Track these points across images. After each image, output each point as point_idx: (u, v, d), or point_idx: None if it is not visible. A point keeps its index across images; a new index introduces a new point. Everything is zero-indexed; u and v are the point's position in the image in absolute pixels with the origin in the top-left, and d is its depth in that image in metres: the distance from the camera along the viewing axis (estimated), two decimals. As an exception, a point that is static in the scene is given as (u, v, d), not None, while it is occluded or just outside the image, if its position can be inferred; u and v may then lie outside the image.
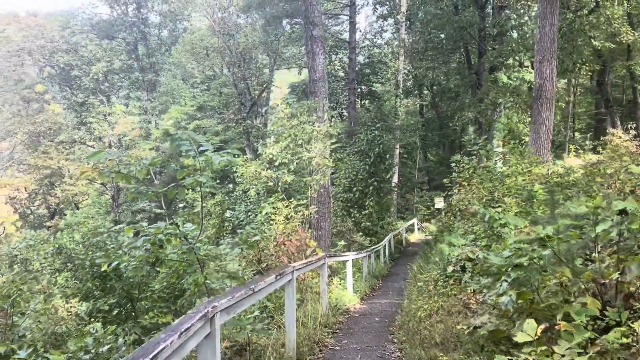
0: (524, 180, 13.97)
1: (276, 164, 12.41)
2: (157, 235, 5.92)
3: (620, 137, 26.43)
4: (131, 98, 45.60)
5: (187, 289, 6.80)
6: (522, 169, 15.15)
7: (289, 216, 11.81)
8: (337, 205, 27.63)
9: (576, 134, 42.64)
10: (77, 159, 43.48)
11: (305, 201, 12.51)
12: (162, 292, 8.45)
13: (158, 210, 42.17)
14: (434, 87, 45.57)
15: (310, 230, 12.93)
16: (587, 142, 34.95)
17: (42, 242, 25.51)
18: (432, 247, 20.58)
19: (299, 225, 11.63)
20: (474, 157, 19.17)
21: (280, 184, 12.57)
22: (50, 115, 42.69)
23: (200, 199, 7.69)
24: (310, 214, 12.89)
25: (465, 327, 5.65)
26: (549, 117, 19.10)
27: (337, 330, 8.89)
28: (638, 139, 26.21)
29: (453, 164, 18.81)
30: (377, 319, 10.33)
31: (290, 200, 12.10)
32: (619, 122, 32.74)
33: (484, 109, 23.48)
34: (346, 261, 12.84)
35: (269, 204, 12.10)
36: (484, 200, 13.44)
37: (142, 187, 5.39)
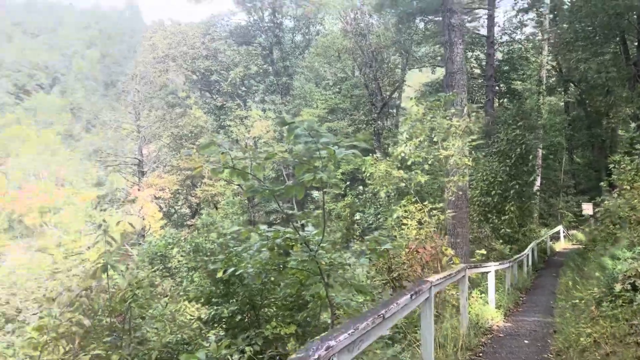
0: None
1: (408, 163, 11.38)
2: (274, 240, 5.22)
3: None
4: (266, 102, 46.70)
5: (309, 300, 6.04)
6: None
7: (422, 221, 10.76)
8: (473, 209, 25.89)
9: None
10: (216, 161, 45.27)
11: (440, 205, 11.39)
12: (284, 300, 7.81)
13: (291, 212, 42.87)
14: (582, 84, 41.66)
15: (446, 237, 11.75)
16: None
17: (180, 240, 26.57)
18: (585, 259, 18.37)
19: (433, 231, 10.53)
20: (637, 157, 16.78)
21: (412, 185, 11.52)
22: (192, 119, 44.91)
23: (324, 199, 7.00)
24: (446, 218, 11.71)
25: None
26: None
27: (480, 355, 7.70)
28: None
29: (612, 165, 16.60)
30: (526, 341, 8.95)
31: (424, 204, 11.03)
32: None
33: (646, 103, 20.69)
34: (488, 272, 11.50)
35: (400, 206, 11.12)
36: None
37: (256, 184, 4.69)
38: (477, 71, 45.89)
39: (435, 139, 11.11)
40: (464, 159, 11.21)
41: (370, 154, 17.08)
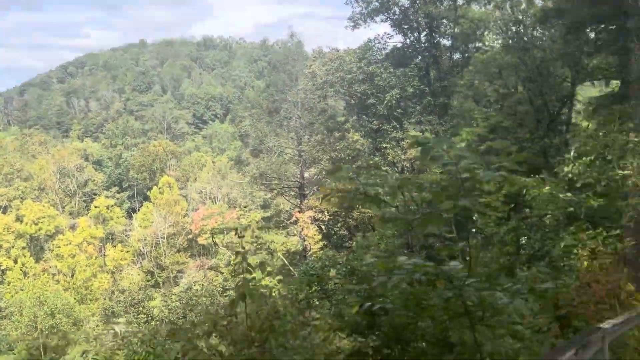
0: None
1: (578, 184, 10.07)
2: (413, 274, 4.70)
3: None
4: (422, 122, 45.84)
5: (455, 343, 5.38)
6: None
7: (596, 250, 9.43)
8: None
9: None
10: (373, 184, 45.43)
11: (617, 231, 9.92)
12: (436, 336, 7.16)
13: (449, 235, 41.29)
14: None
15: (625, 269, 10.18)
16: None
17: (336, 262, 26.72)
18: None
19: (609, 262, 9.17)
20: None
21: (582, 209, 10.17)
22: (349, 142, 45.54)
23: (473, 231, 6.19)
24: (625, 247, 10.19)
25: None
26: None
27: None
28: None
29: None
30: None
31: (598, 231, 9.67)
32: None
33: None
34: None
35: (569, 234, 9.87)
36: None
37: (388, 212, 4.23)
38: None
39: (609, 157, 9.73)
40: None
41: (537, 175, 15.69)
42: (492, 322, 4.66)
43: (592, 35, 40.81)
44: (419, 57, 47.13)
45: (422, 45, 46.81)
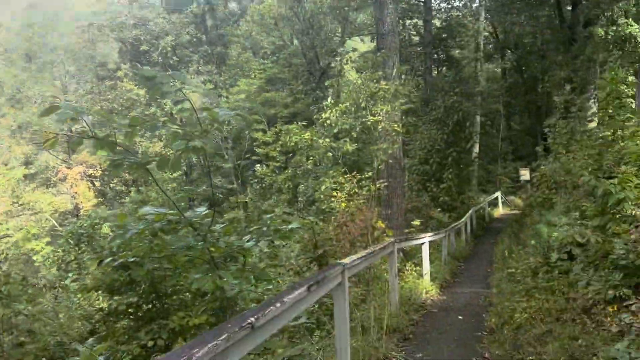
0: (638, 145, 11.47)
1: (335, 130, 10.53)
2: (154, 223, 4.33)
3: None
4: (201, 73, 44.82)
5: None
6: (632, 132, 12.61)
7: (351, 192, 10.04)
8: (412, 179, 25.58)
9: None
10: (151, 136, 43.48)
11: (369, 174, 10.67)
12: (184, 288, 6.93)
13: (230, 186, 41.63)
14: (519, 49, 41.85)
15: (378, 209, 11.07)
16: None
17: (108, 219, 25.17)
18: (522, 225, 18.25)
19: (364, 203, 9.82)
20: (571, 120, 16.61)
21: (340, 154, 10.71)
22: (122, 92, 42.75)
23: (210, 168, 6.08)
24: (379, 189, 11.03)
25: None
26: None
27: (410, 336, 7.07)
28: None
29: (546, 129, 16.37)
30: (460, 316, 8.43)
31: (354, 174, 10.28)
32: None
33: (579, 66, 20.54)
34: (422, 244, 10.94)
35: (328, 178, 10.32)
36: (589, 169, 11.09)
37: (118, 156, 3.76)
38: (416, 39, 45.37)
39: (363, 104, 10.30)
40: (393, 125, 10.44)
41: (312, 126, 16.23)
42: (239, 266, 4.54)
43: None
44: (195, 3, 45.63)
45: (198, -9, 45.36)
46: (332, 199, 9.86)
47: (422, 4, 37.81)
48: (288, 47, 44.06)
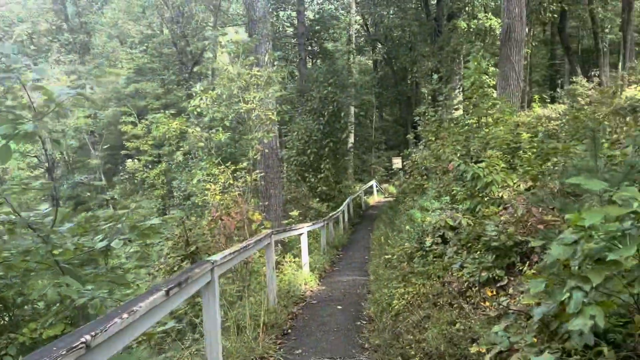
0: (502, 130, 12.08)
1: (206, 119, 9.95)
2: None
3: (584, 86, 25.01)
4: (62, 62, 41.61)
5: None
6: (494, 119, 13.30)
7: (227, 184, 9.57)
8: (290, 169, 25.51)
9: (532, 86, 41.37)
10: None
11: (245, 164, 10.27)
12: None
13: (97, 183, 39.16)
14: (388, 41, 43.27)
15: (254, 200, 10.69)
16: (545, 94, 33.53)
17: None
18: (397, 211, 18.74)
19: (240, 195, 9.40)
20: (439, 108, 17.26)
21: (212, 145, 10.16)
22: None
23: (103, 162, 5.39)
24: (255, 180, 10.67)
25: (484, 349, 3.62)
26: (519, 61, 17.26)
27: (289, 331, 6.80)
28: (601, 86, 24.86)
29: (417, 118, 16.87)
30: (339, 306, 8.30)
31: (228, 165, 9.81)
32: (579, 71, 31.41)
33: (445, 57, 21.49)
34: (300, 234, 10.74)
35: (199, 169, 9.76)
36: (458, 155, 11.49)
37: None
38: (290, 31, 45.37)
39: (235, 92, 9.82)
40: (268, 113, 10.06)
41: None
42: (97, 271, 3.98)
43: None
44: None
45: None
46: (207, 192, 9.34)
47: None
48: (158, 36, 42.22)
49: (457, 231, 8.26)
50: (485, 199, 8.43)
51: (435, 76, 17.20)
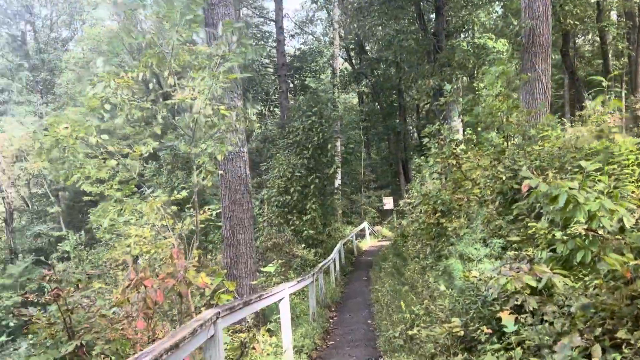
0: (553, 146, 8.76)
1: (118, 120, 6.01)
2: None
3: (599, 110, 22.15)
4: (20, 103, 38.13)
5: None
6: (537, 132, 10.06)
7: (158, 226, 5.96)
8: (271, 212, 21.95)
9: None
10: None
11: (183, 193, 6.65)
12: None
13: (57, 234, 35.15)
14: (375, 75, 40.46)
15: (200, 252, 6.77)
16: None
17: None
18: (404, 258, 15.21)
19: (176, 243, 5.78)
20: (446, 125, 14.00)
21: (132, 166, 6.24)
22: None
23: None
24: (211, 214, 7.05)
25: None
26: (546, 70, 14.11)
27: None
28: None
29: (425, 139, 13.52)
30: None
31: (156, 195, 6.10)
32: (585, 95, 28.65)
33: (449, 74, 18.44)
34: (280, 300, 7.12)
35: (113, 203, 5.95)
36: (504, 179, 8.06)
37: None
38: (271, 69, 42.54)
39: (164, 72, 6.15)
40: (222, 109, 6.10)
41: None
42: None
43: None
44: (13, 25, 39.13)
45: (15, 9, 38.83)
46: (123, 240, 5.71)
47: (273, 22, 34.80)
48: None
49: (543, 298, 4.82)
50: (589, 240, 4.93)
51: (448, 86, 13.96)
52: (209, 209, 7.09)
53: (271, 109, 44.87)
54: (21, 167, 35.04)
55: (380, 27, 22.32)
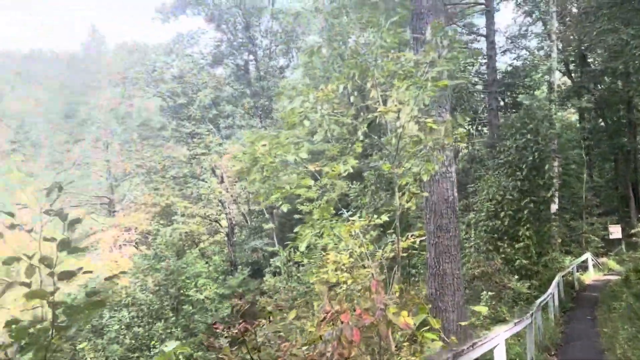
0: None
1: (317, 137, 5.59)
2: None
3: None
4: (243, 127, 41.49)
5: None
6: None
7: (356, 255, 5.36)
8: (479, 237, 20.53)
9: None
10: (189, 195, 40.32)
11: (383, 217, 6.00)
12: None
13: (271, 249, 37.26)
14: (598, 86, 36.39)
15: (402, 287, 5.94)
16: None
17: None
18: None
19: (375, 273, 5.13)
20: None
21: (333, 185, 5.71)
22: (158, 150, 39.92)
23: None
24: (414, 242, 6.33)
25: None
26: None
27: None
28: None
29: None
30: None
31: (354, 218, 5.52)
32: None
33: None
34: (494, 348, 6.08)
35: (305, 227, 5.51)
36: None
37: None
38: (480, 87, 40.77)
39: (367, 84, 5.49)
40: (427, 122, 5.19)
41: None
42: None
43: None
44: (237, 55, 42.97)
45: (240, 41, 42.57)
46: (322, 269, 5.23)
47: (483, 38, 33.20)
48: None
49: None
50: None
51: None
52: (412, 235, 6.39)
53: (479, 127, 42.94)
54: (242, 187, 37.97)
55: (609, 34, 19.65)
